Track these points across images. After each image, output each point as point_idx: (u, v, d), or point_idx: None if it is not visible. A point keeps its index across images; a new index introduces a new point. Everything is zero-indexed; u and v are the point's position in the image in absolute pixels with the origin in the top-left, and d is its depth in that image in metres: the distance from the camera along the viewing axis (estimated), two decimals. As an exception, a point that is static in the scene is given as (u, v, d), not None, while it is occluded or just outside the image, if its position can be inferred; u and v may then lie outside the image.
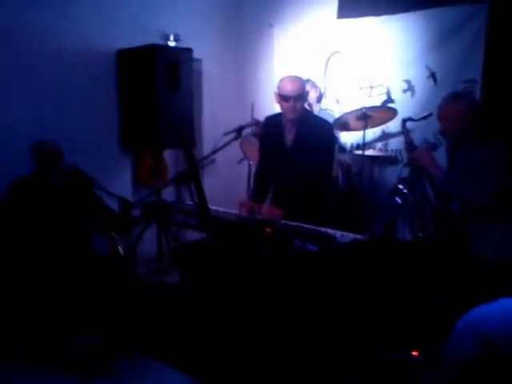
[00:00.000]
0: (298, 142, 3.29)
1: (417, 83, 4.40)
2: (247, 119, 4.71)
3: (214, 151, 3.20)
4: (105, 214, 3.64)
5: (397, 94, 4.52)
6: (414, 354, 2.16)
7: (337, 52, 4.79)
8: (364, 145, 4.32)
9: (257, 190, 3.60)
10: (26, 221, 3.35)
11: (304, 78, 3.75)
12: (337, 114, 4.71)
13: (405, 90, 4.47)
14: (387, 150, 4.64)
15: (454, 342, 1.13)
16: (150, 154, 4.85)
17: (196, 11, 5.12)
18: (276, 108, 3.58)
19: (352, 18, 4.70)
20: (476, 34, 3.98)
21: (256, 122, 4.37)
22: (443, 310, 2.25)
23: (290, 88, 3.18)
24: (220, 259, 2.90)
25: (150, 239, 4.24)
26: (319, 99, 4.66)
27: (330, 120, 4.22)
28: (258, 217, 3.24)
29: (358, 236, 2.70)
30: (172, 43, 4.82)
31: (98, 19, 4.39)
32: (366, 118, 4.23)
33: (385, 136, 4.63)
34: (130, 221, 3.42)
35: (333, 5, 4.83)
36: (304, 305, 2.55)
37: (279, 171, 3.41)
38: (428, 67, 4.30)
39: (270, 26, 5.30)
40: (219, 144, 3.21)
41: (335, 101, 4.90)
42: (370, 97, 4.60)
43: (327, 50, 4.84)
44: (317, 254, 2.58)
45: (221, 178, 5.16)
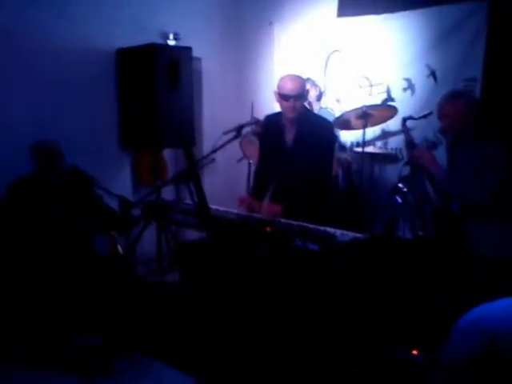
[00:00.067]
0: (298, 141, 3.28)
1: (417, 82, 4.39)
2: (247, 118, 4.71)
3: (214, 150, 3.19)
4: (105, 214, 3.64)
5: (397, 93, 4.52)
6: (414, 353, 2.16)
7: (337, 50, 4.78)
8: (364, 143, 4.32)
9: (257, 188, 3.59)
10: (26, 221, 3.36)
11: (304, 76, 3.76)
12: (337, 113, 4.71)
13: (405, 89, 4.47)
14: (387, 149, 4.64)
15: (454, 341, 1.13)
16: (150, 154, 4.85)
17: (195, 9, 5.12)
18: (276, 107, 3.57)
19: (352, 16, 4.70)
20: (476, 32, 3.98)
21: (256, 121, 4.37)
22: (443, 308, 2.25)
23: (289, 87, 3.17)
24: (220, 259, 2.90)
25: (149, 238, 4.25)
26: (319, 98, 4.65)
27: (330, 119, 4.21)
28: (257, 214, 3.24)
29: (358, 235, 2.70)
30: (171, 42, 4.82)
31: (98, 19, 4.39)
32: (366, 116, 4.23)
33: (385, 134, 4.63)
34: (129, 220, 3.41)
35: (333, 3, 4.82)
36: (304, 304, 2.55)
37: (279, 170, 3.40)
38: (428, 66, 4.29)
39: (270, 24, 5.29)
40: (219, 143, 3.21)
41: (335, 99, 4.89)
42: (370, 95, 4.60)
43: (327, 48, 4.82)
44: (317, 253, 2.58)
45: (220, 177, 5.16)
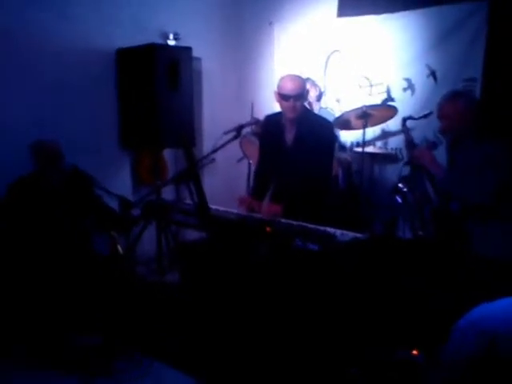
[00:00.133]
0: (298, 141, 3.28)
1: (417, 82, 4.39)
2: (247, 118, 4.71)
3: (214, 150, 3.19)
4: (104, 214, 3.64)
5: (397, 93, 4.52)
6: (414, 353, 2.16)
7: (337, 50, 4.77)
8: (364, 143, 4.32)
9: (256, 189, 3.59)
10: (26, 221, 3.36)
11: (304, 76, 3.76)
12: (337, 113, 4.71)
13: (405, 89, 4.47)
14: (387, 149, 4.64)
15: (454, 341, 1.13)
16: (150, 153, 4.85)
17: (195, 9, 5.11)
18: (276, 107, 3.57)
19: (352, 16, 4.69)
20: (476, 32, 3.97)
21: (256, 121, 4.38)
22: (443, 308, 2.25)
23: (289, 87, 3.17)
24: (220, 259, 2.89)
25: (149, 238, 4.24)
26: (319, 98, 4.64)
27: (330, 119, 4.21)
28: (257, 214, 3.24)
29: (358, 235, 2.70)
30: (171, 42, 4.82)
31: (98, 19, 4.39)
32: (366, 116, 4.23)
33: (385, 134, 4.63)
34: (129, 220, 3.41)
35: (333, 3, 4.82)
36: (304, 304, 2.54)
37: (279, 170, 3.40)
38: (428, 66, 4.29)
39: (270, 24, 5.29)
40: (219, 143, 3.21)
41: (335, 99, 4.89)
42: (370, 95, 4.60)
43: (327, 48, 4.82)
44: (317, 253, 2.58)
45: (220, 177, 5.16)
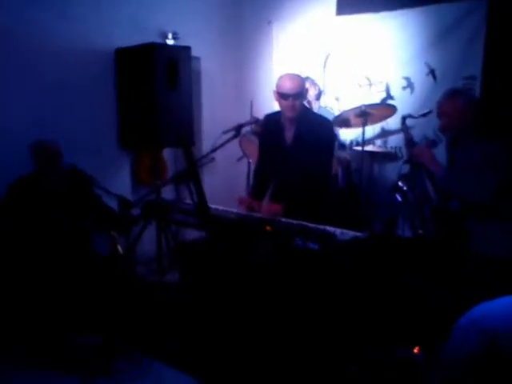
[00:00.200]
0: (297, 140, 3.28)
1: (416, 80, 4.39)
2: (246, 117, 4.71)
3: (214, 149, 3.18)
4: (104, 213, 3.64)
5: (396, 91, 4.52)
6: (414, 351, 2.16)
7: (336, 49, 4.78)
8: (363, 142, 4.32)
9: (256, 188, 3.59)
10: (26, 221, 3.35)
11: (303, 75, 3.75)
12: (336, 112, 4.71)
13: (404, 87, 4.47)
14: (387, 147, 4.64)
15: (455, 339, 1.13)
16: (149, 153, 4.84)
17: (194, 9, 5.11)
18: (275, 106, 3.57)
19: (351, 14, 4.69)
20: (475, 31, 3.97)
21: (255, 120, 4.37)
22: (443, 307, 2.25)
23: (288, 86, 3.16)
24: (220, 258, 2.89)
25: (149, 238, 4.24)
26: (318, 97, 4.64)
27: (330, 117, 4.21)
28: (257, 214, 3.24)
29: (358, 233, 2.70)
30: (170, 41, 4.81)
31: (97, 19, 4.38)
32: (365, 115, 4.23)
33: (384, 133, 4.63)
34: (129, 220, 3.41)
35: (331, 1, 4.82)
36: (304, 303, 2.54)
37: (279, 169, 3.40)
38: (427, 64, 4.29)
39: (269, 23, 5.28)
40: (218, 142, 3.20)
41: (334, 98, 4.88)
42: (369, 94, 4.59)
43: (326, 47, 4.82)
44: (317, 252, 2.58)
45: (220, 176, 5.16)
